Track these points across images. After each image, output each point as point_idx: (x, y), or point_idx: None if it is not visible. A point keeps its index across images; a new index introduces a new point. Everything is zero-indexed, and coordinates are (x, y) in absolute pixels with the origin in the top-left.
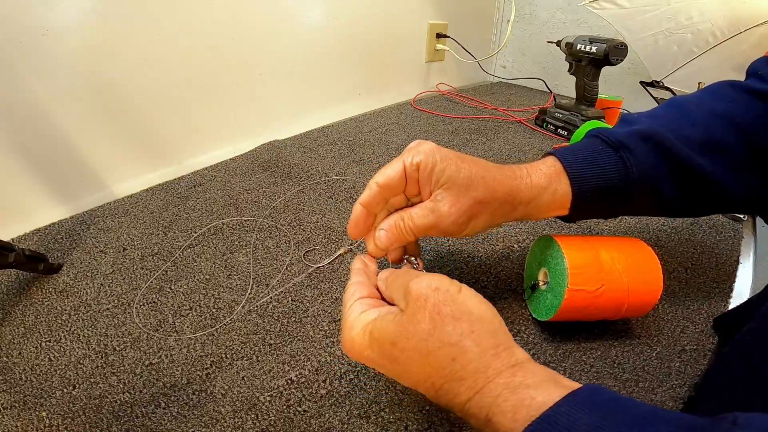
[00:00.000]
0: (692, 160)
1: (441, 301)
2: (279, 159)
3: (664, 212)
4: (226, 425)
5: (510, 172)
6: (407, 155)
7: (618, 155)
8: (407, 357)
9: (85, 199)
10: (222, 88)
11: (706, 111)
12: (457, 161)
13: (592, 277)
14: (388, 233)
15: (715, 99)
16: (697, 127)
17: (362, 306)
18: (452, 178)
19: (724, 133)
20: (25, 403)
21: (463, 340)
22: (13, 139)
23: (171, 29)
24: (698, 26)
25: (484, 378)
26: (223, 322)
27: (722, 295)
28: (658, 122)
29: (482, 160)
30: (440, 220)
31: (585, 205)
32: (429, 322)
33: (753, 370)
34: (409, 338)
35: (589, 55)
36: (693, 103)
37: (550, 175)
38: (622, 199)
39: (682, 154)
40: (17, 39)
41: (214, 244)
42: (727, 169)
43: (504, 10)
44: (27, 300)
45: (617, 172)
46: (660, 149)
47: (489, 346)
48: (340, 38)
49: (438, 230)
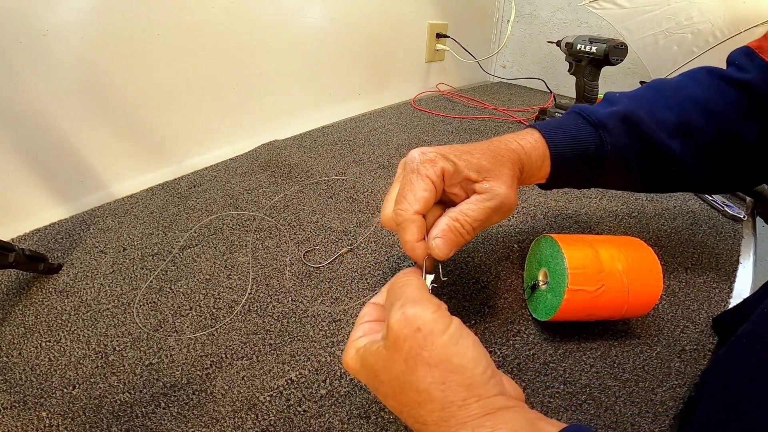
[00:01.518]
0: (663, 141)
1: (419, 345)
2: (279, 159)
3: (632, 187)
4: (226, 425)
5: (505, 146)
6: (426, 168)
7: (597, 133)
8: (384, 389)
9: (85, 199)
10: (222, 88)
11: (682, 96)
12: (469, 155)
13: (592, 277)
14: (445, 240)
15: (692, 84)
16: (672, 111)
17: (363, 330)
18: (482, 169)
19: (697, 117)
20: (25, 403)
21: (430, 389)
22: (13, 139)
23: (171, 29)
24: (698, 26)
25: (446, 427)
26: (223, 322)
27: (722, 295)
28: (637, 103)
29: (477, 144)
30: (504, 201)
31: (561, 177)
32: (403, 363)
33: (750, 371)
34: (385, 372)
35: (589, 55)
36: (672, 87)
37: (537, 148)
38: (594, 173)
39: (654, 135)
40: (17, 39)
41: (214, 244)
42: (695, 151)
43: (504, 10)
44: (27, 300)
45: (594, 149)
46: (635, 130)
47: (458, 398)
48: (340, 38)
49: (499, 215)
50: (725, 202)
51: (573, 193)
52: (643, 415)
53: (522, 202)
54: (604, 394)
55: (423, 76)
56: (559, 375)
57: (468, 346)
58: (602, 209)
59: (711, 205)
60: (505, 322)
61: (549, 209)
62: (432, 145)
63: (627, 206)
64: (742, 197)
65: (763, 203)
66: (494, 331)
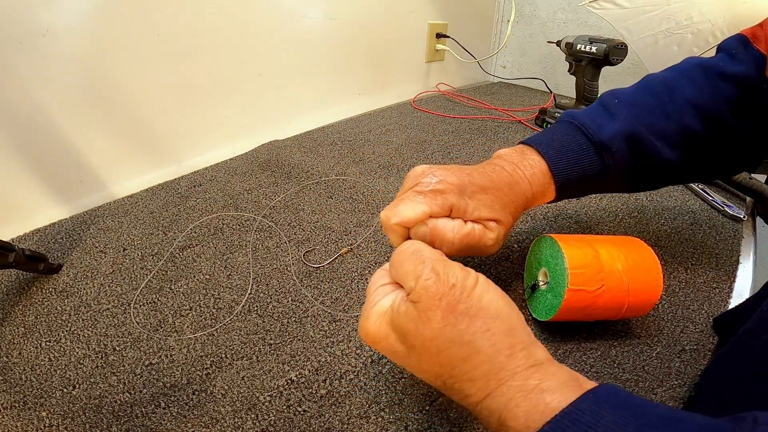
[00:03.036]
0: (663, 155)
1: (456, 299)
2: (279, 159)
3: (626, 191)
4: (226, 425)
5: (513, 180)
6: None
7: (599, 156)
8: (418, 353)
9: (85, 199)
10: (222, 88)
11: (679, 101)
12: (483, 195)
13: (592, 277)
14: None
15: (688, 85)
16: (672, 120)
17: (381, 293)
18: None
19: (693, 122)
20: (25, 403)
21: (476, 340)
22: (13, 139)
23: (171, 29)
24: (698, 26)
25: (496, 380)
26: (223, 322)
27: (722, 295)
28: (637, 114)
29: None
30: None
31: (562, 197)
32: (441, 320)
33: (751, 370)
34: (419, 335)
35: (589, 55)
36: (668, 88)
37: (544, 184)
38: (594, 189)
39: (654, 150)
40: (17, 39)
41: (214, 244)
42: (691, 156)
43: (504, 10)
44: (27, 300)
45: (596, 170)
46: (637, 148)
47: (504, 346)
48: (339, 38)
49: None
50: (725, 202)
51: None
52: None
53: None
54: None
55: (423, 76)
56: None
57: (499, 295)
58: (602, 209)
59: (711, 205)
60: None
61: (549, 209)
62: (445, 165)
63: (627, 206)
64: (742, 197)
65: (763, 203)
66: None
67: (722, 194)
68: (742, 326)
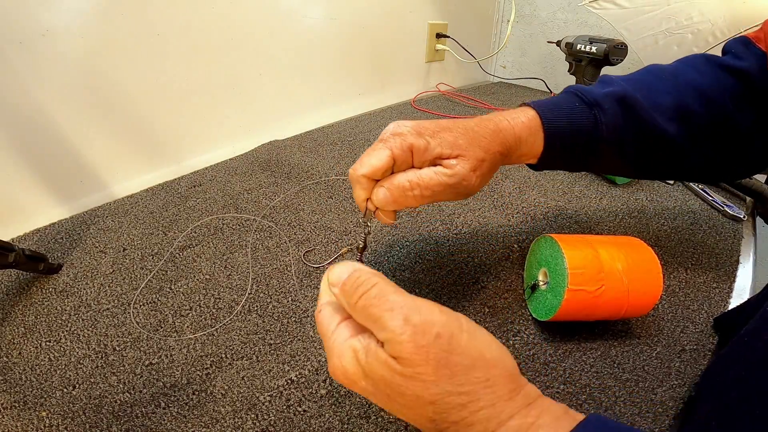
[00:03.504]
0: (658, 124)
1: (446, 350)
2: (279, 159)
3: (624, 171)
4: (226, 425)
5: (492, 125)
6: (394, 140)
7: (592, 113)
8: (405, 401)
9: (85, 199)
10: (221, 88)
11: (681, 81)
12: (447, 133)
13: (592, 277)
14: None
15: (691, 70)
16: (670, 95)
17: (348, 330)
18: (454, 148)
19: (694, 103)
20: (25, 403)
21: (476, 391)
22: (13, 139)
23: (171, 29)
24: (698, 26)
25: (496, 422)
26: (223, 322)
27: (722, 295)
28: (634, 86)
29: (461, 121)
30: (462, 180)
31: (553, 157)
32: (433, 374)
33: (752, 371)
34: (408, 386)
35: (589, 55)
36: (669, 71)
37: (531, 126)
38: (588, 154)
39: (650, 118)
40: (17, 39)
41: (214, 244)
42: (691, 136)
43: (504, 10)
44: (27, 300)
45: (588, 129)
46: (630, 111)
47: (504, 392)
48: (339, 38)
49: (454, 193)
50: (725, 202)
51: (573, 193)
52: (643, 415)
53: (522, 202)
54: (604, 394)
55: (423, 76)
56: (559, 375)
57: (490, 338)
58: (602, 209)
59: (711, 205)
60: (505, 322)
61: (549, 209)
62: (419, 119)
63: (627, 206)
64: (742, 197)
65: (763, 203)
66: (494, 331)
67: (722, 194)
68: (743, 326)
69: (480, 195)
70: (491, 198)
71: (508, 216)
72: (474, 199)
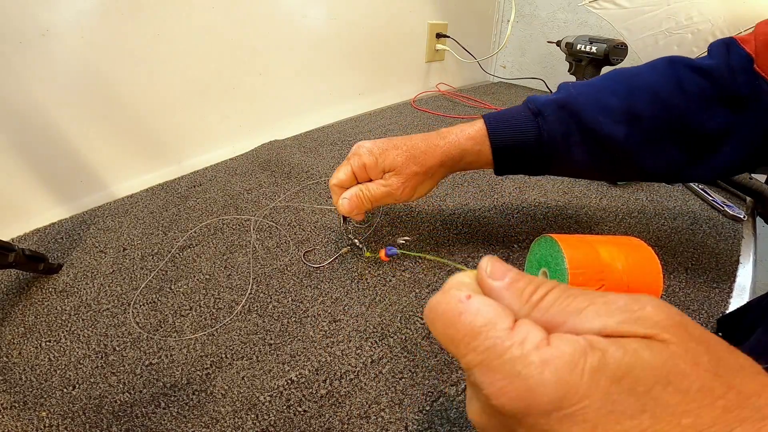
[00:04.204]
0: (603, 127)
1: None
2: (279, 159)
3: (586, 175)
4: (226, 425)
5: (438, 140)
6: (353, 159)
7: (535, 121)
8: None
9: (85, 199)
10: (222, 87)
11: (634, 84)
12: (393, 151)
13: (592, 277)
14: (350, 201)
15: (648, 72)
16: (619, 97)
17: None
18: (393, 165)
19: (644, 104)
20: (25, 403)
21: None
22: (13, 139)
23: (171, 29)
24: (698, 26)
25: None
26: (223, 322)
27: (722, 295)
28: (582, 90)
29: (412, 139)
30: (393, 191)
31: (506, 164)
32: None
33: None
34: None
35: (589, 55)
36: (627, 75)
37: (476, 137)
38: (538, 160)
39: (593, 121)
40: (17, 39)
41: (214, 244)
42: (643, 138)
43: (504, 10)
44: (27, 300)
45: (532, 137)
46: (571, 116)
47: None
48: (339, 38)
49: (392, 199)
50: (725, 202)
51: (573, 193)
52: None
53: (522, 202)
54: None
55: (423, 76)
56: None
57: None
58: (602, 209)
59: (711, 205)
60: None
61: (549, 209)
62: (385, 138)
63: (627, 206)
64: (742, 197)
65: (763, 203)
66: None
67: (722, 194)
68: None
69: (480, 195)
70: (491, 198)
71: (508, 216)
72: (474, 198)
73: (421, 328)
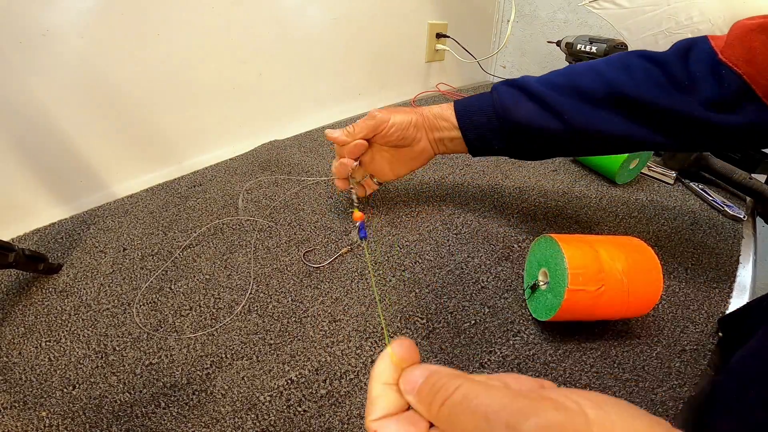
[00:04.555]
0: (547, 97)
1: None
2: (279, 159)
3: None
4: (226, 425)
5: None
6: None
7: (490, 93)
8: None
9: (85, 199)
10: (222, 88)
11: (580, 69)
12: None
13: (592, 278)
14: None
15: (599, 61)
16: (563, 77)
17: None
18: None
19: (587, 81)
20: (25, 403)
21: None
22: (13, 139)
23: (171, 29)
24: (698, 26)
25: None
26: (223, 322)
27: (722, 295)
28: (533, 77)
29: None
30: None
31: (477, 145)
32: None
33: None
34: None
35: (589, 55)
36: (582, 64)
37: (444, 107)
38: (504, 137)
39: (537, 91)
40: (17, 39)
41: (214, 244)
42: (584, 104)
43: (504, 10)
44: (27, 300)
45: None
46: (521, 90)
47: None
48: (339, 38)
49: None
50: (725, 202)
51: (573, 193)
52: None
53: (522, 202)
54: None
55: (423, 76)
56: (559, 375)
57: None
58: (602, 209)
59: (711, 205)
60: (505, 322)
61: (549, 209)
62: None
63: (627, 206)
64: (742, 197)
65: (763, 203)
66: (494, 331)
67: (722, 194)
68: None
69: (480, 195)
70: (491, 198)
71: (508, 216)
72: (474, 199)
73: (421, 328)
